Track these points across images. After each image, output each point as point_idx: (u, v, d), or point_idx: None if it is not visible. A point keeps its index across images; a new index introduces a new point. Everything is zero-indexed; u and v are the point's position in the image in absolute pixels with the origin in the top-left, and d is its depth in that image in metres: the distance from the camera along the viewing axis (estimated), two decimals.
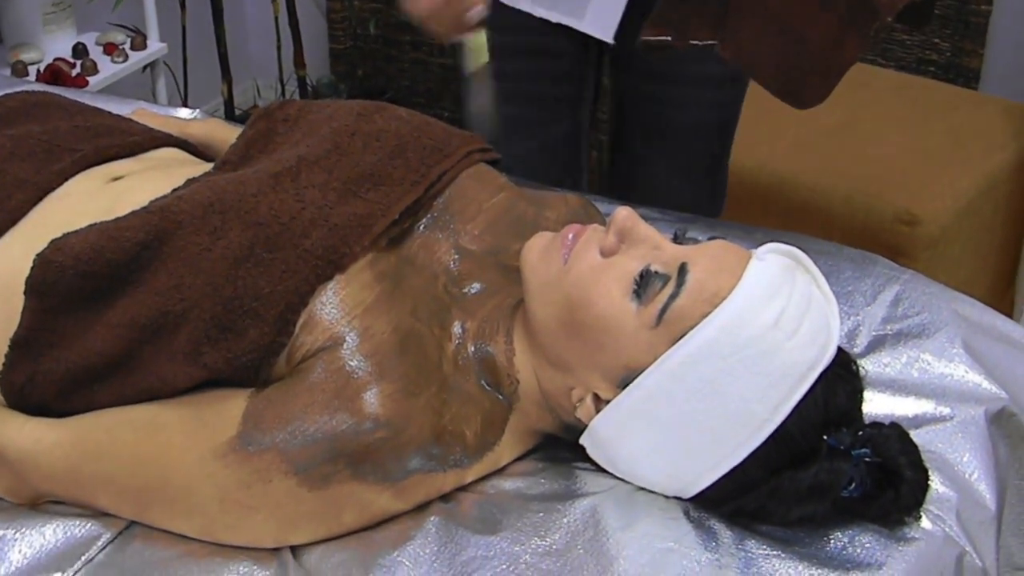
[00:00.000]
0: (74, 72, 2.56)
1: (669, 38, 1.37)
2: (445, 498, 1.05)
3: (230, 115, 3.14)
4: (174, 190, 1.13)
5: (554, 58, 1.65)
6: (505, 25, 1.48)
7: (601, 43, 1.59)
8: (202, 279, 1.02)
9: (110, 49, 2.69)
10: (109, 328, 1.04)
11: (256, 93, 3.56)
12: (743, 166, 2.17)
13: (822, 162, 2.15)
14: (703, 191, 1.78)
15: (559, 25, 1.57)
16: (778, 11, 1.34)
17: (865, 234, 2.02)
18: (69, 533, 1.03)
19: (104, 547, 1.02)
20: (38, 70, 2.54)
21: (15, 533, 1.02)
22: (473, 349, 1.08)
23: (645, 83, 1.70)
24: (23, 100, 1.35)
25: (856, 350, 1.25)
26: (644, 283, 0.98)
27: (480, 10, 1.34)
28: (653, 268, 0.99)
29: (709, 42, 1.37)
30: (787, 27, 1.34)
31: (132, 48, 2.73)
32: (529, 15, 1.59)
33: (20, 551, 1.01)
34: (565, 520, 1.01)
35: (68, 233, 1.07)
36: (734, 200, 2.17)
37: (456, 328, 1.08)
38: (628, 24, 1.53)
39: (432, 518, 1.02)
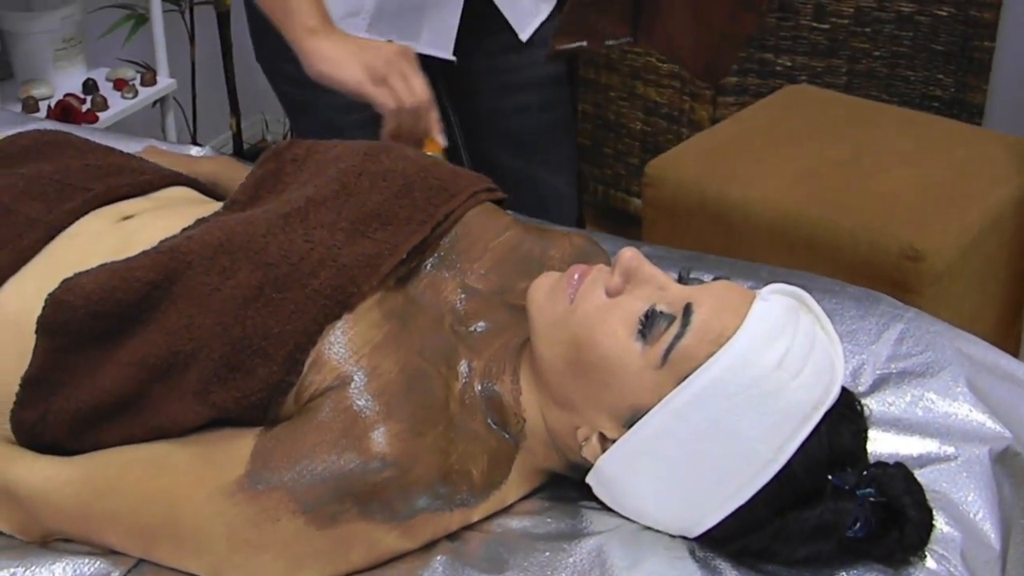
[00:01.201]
0: (84, 108, 2.58)
1: (584, 43, 1.45)
2: (452, 537, 1.05)
3: (239, 150, 3.16)
4: (184, 229, 1.14)
5: None
6: None
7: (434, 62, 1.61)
8: (212, 319, 1.03)
9: (120, 85, 2.71)
10: (119, 367, 1.04)
11: (264, 127, 3.59)
12: (747, 200, 2.17)
13: (826, 197, 2.15)
14: (561, 186, 1.85)
15: None
16: (690, 1, 1.50)
17: (869, 270, 2.02)
18: (78, 571, 1.03)
19: None
20: (49, 106, 2.56)
21: (25, 571, 1.02)
22: (480, 388, 1.08)
23: (486, 96, 1.75)
24: (35, 139, 1.36)
25: (860, 389, 1.25)
26: (649, 323, 0.99)
27: (438, 131, 1.41)
28: (658, 308, 1.00)
29: (625, 40, 1.47)
30: (698, 13, 1.51)
31: (142, 84, 2.75)
32: None
33: None
34: (571, 559, 1.01)
35: (79, 273, 1.08)
36: (738, 235, 2.18)
37: (463, 367, 1.09)
38: (464, 40, 1.57)
39: (439, 557, 1.02)
